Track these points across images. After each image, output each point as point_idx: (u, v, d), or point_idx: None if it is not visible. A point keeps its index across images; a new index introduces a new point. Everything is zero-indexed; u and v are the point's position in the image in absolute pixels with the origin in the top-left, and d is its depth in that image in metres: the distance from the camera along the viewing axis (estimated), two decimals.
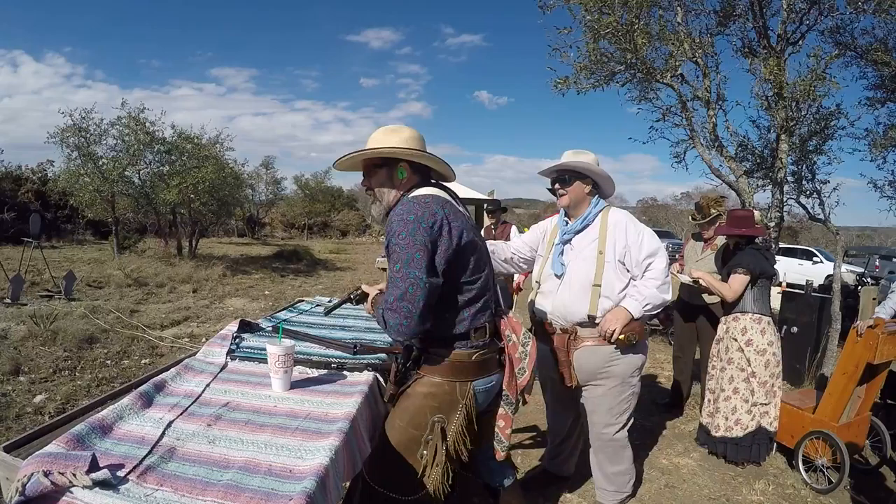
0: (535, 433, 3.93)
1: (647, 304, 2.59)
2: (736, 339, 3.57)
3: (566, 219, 2.84)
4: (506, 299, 5.74)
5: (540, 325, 2.82)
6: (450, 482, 1.86)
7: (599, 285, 2.61)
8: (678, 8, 5.64)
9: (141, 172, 14.16)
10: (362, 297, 2.14)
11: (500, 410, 2.05)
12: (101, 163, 13.35)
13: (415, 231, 1.73)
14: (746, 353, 3.53)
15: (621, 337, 2.55)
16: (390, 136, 1.96)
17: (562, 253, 2.76)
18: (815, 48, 5.20)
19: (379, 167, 1.97)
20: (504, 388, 2.02)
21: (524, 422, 4.05)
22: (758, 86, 5.54)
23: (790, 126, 5.39)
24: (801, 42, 5.51)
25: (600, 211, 2.73)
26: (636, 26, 5.25)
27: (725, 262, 3.80)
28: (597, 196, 2.78)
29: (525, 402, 2.13)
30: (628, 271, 2.65)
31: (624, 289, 2.63)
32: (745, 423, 3.53)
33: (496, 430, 2.07)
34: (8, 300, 7.57)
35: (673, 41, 5.50)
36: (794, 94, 5.12)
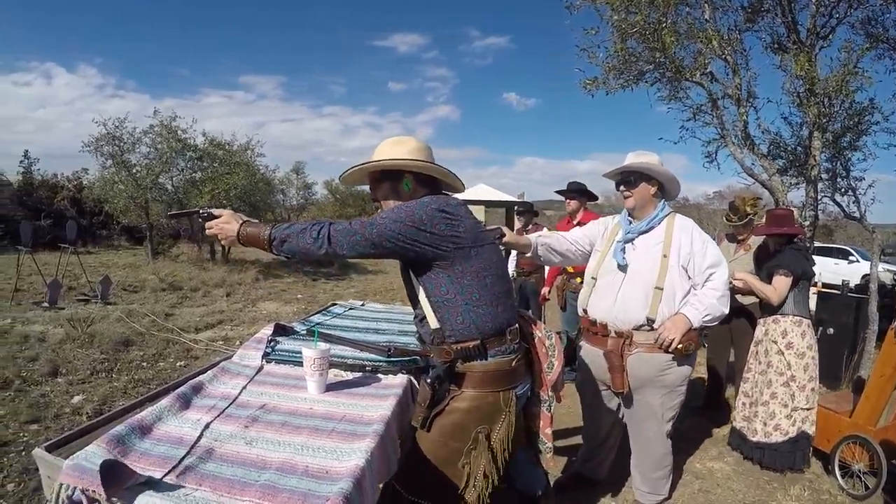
0: (564, 435, 3.91)
1: (707, 315, 2.57)
2: (776, 342, 3.50)
3: (629, 219, 2.82)
4: (535, 309, 5.72)
5: (592, 325, 2.78)
6: (489, 490, 1.82)
7: (662, 288, 2.58)
8: (705, 5, 5.56)
9: (174, 179, 14.52)
10: (210, 217, 1.92)
11: (535, 410, 2.06)
12: (134, 170, 13.69)
13: (419, 207, 1.76)
14: (787, 356, 3.45)
15: (679, 347, 2.52)
16: (395, 148, 1.94)
17: (623, 250, 2.72)
18: (845, 42, 5.10)
19: (383, 180, 1.96)
20: (534, 387, 2.02)
21: (554, 424, 4.00)
22: (788, 82, 5.45)
23: (823, 122, 5.27)
24: (831, 36, 5.37)
25: (666, 215, 2.73)
26: (664, 25, 5.20)
27: (761, 264, 3.73)
28: (663, 200, 2.77)
29: (559, 401, 2.12)
30: (690, 278, 2.62)
31: (685, 296, 2.61)
32: (784, 429, 3.45)
33: (539, 432, 2.06)
34: (46, 304, 7.79)
35: (701, 39, 5.43)
36: (826, 90, 5.02)
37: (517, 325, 1.95)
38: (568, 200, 5.01)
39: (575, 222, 4.80)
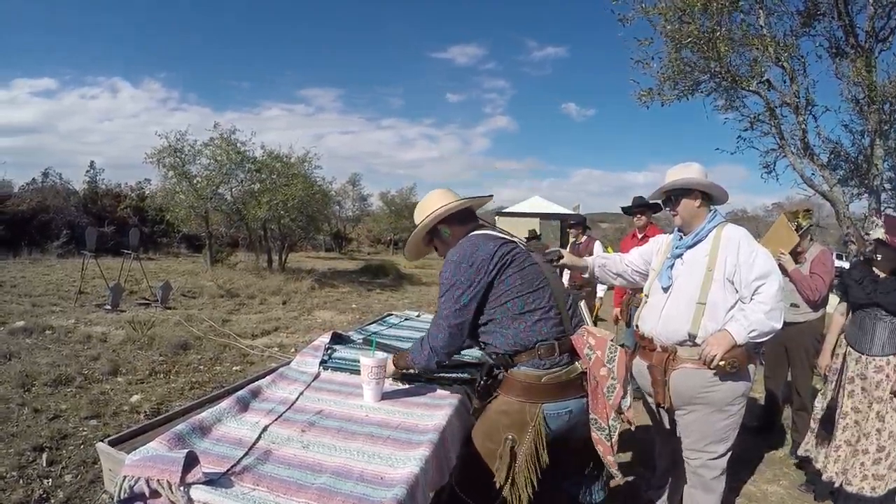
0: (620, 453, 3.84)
1: (752, 331, 2.38)
2: None
3: (680, 233, 2.71)
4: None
5: (642, 339, 2.72)
6: (531, 493, 1.85)
7: (704, 303, 2.46)
8: (760, 11, 5.45)
9: (233, 190, 14.85)
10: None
11: (594, 436, 1.96)
12: (195, 181, 14.12)
13: (455, 270, 1.95)
14: None
15: (722, 363, 2.37)
16: (423, 208, 2.19)
17: (671, 267, 2.64)
18: None
19: (431, 239, 2.24)
20: (591, 412, 1.95)
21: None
22: (846, 89, 5.28)
23: (884, 129, 5.08)
24: (891, 38, 5.18)
25: (715, 226, 2.59)
26: (718, 33, 5.12)
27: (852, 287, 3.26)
28: (714, 210, 2.64)
29: (630, 423, 2.02)
30: (737, 292, 2.47)
31: (730, 310, 2.46)
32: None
33: (602, 458, 1.99)
34: (108, 307, 8.11)
35: (757, 45, 5.32)
36: (885, 95, 4.84)
37: (554, 341, 1.94)
38: (639, 216, 4.99)
39: (641, 236, 4.79)
